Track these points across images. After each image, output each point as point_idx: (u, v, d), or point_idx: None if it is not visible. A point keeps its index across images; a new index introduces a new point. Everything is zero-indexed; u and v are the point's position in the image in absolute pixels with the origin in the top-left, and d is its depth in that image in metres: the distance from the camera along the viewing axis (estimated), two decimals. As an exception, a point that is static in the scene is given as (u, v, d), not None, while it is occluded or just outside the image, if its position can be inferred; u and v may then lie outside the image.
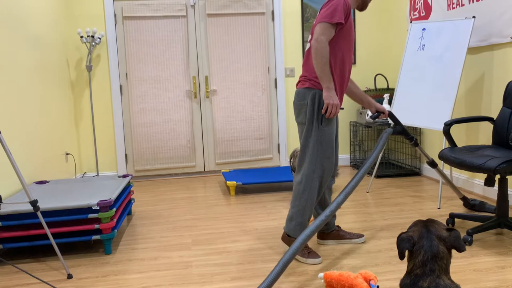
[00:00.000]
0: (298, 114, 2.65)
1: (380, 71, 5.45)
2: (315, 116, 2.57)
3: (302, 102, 2.61)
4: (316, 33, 2.45)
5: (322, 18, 2.47)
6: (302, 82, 2.64)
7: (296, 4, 5.22)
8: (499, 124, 3.08)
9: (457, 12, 4.05)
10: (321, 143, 2.58)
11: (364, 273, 2.12)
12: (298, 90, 2.65)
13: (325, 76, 2.47)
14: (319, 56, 2.45)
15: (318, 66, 2.46)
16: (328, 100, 2.49)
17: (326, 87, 2.49)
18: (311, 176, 2.61)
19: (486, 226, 2.87)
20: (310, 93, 2.58)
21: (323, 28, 2.46)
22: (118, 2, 4.95)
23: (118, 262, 2.76)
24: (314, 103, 2.57)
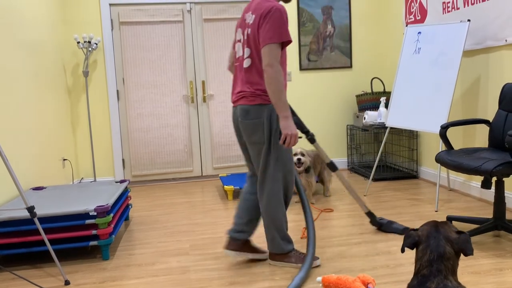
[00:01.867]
0: (251, 133, 2.45)
1: (376, 74, 5.47)
2: (273, 133, 2.44)
3: (257, 120, 2.42)
4: (268, 57, 2.28)
5: (270, 38, 2.28)
6: (249, 98, 2.42)
7: (293, 8, 5.24)
8: (495, 126, 3.09)
9: (452, 15, 4.07)
10: (283, 159, 2.49)
11: (362, 277, 2.12)
12: (248, 107, 2.42)
13: (283, 104, 2.32)
14: (274, 83, 2.29)
15: (275, 94, 2.30)
16: (287, 131, 2.34)
17: (284, 116, 2.33)
18: (278, 193, 2.51)
19: (484, 229, 2.88)
20: (265, 109, 2.42)
21: (273, 50, 2.29)
22: (114, 7, 4.96)
23: (115, 268, 2.75)
24: (270, 120, 2.43)
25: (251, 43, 2.40)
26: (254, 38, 2.38)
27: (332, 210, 3.76)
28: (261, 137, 2.44)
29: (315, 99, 5.38)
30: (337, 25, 5.32)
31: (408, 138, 4.91)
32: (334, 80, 5.39)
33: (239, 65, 2.51)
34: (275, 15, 2.30)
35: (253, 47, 2.39)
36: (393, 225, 3.11)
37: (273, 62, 2.28)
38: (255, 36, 2.37)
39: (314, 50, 5.31)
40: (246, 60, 2.43)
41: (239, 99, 2.48)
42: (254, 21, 2.37)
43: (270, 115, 2.42)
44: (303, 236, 3.14)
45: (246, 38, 2.43)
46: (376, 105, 5.03)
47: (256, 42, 2.37)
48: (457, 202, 3.80)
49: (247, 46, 2.43)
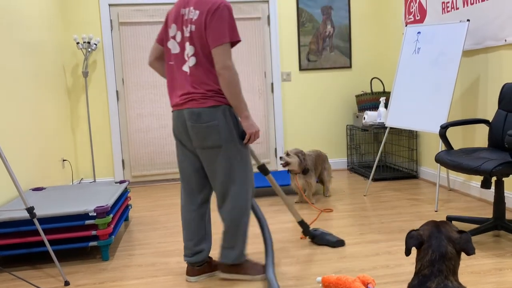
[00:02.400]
0: (205, 137, 2.26)
1: (376, 74, 5.47)
2: (231, 135, 2.30)
3: (211, 123, 2.24)
4: (222, 58, 2.17)
5: (222, 38, 2.16)
6: (200, 100, 2.25)
7: (292, 8, 5.24)
8: (494, 126, 3.09)
9: (451, 15, 4.07)
10: (246, 159, 2.37)
11: (362, 277, 2.12)
12: (199, 110, 2.24)
13: (242, 105, 2.24)
14: (233, 85, 2.20)
15: (234, 96, 2.21)
16: (251, 129, 2.29)
17: (245, 116, 2.27)
18: (245, 198, 2.36)
19: (483, 229, 2.88)
20: (219, 111, 2.26)
21: (227, 51, 2.18)
22: (114, 7, 4.96)
23: (115, 269, 2.75)
24: (228, 121, 2.29)
25: (195, 40, 2.22)
26: (200, 36, 2.20)
27: (332, 210, 3.76)
28: (216, 140, 2.27)
29: (315, 99, 5.38)
30: (337, 25, 5.32)
31: (408, 138, 4.91)
32: (334, 80, 5.39)
33: (177, 64, 2.31)
34: (224, 13, 2.18)
35: (199, 46, 2.22)
36: (327, 237, 2.92)
37: (229, 64, 2.18)
38: (201, 34, 2.20)
39: (313, 50, 5.31)
40: (190, 60, 2.25)
41: (185, 102, 2.27)
42: (199, 18, 2.20)
43: (224, 116, 2.27)
44: (303, 237, 3.14)
45: (189, 35, 2.24)
46: (375, 105, 5.03)
47: (203, 40, 2.20)
48: (457, 202, 3.80)
49: (190, 44, 2.24)
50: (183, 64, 2.28)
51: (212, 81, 2.25)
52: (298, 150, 3.90)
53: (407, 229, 3.17)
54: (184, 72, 2.28)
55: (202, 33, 2.20)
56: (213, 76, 2.25)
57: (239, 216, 2.37)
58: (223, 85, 2.20)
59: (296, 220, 2.96)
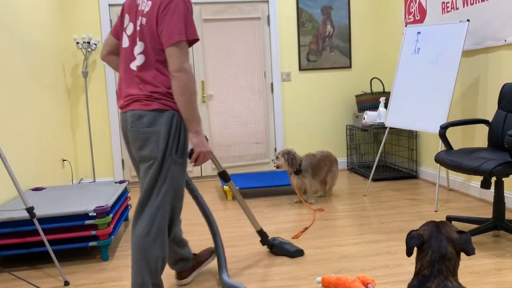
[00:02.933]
0: (142, 145, 1.95)
1: (376, 74, 5.47)
2: (170, 146, 1.96)
3: (151, 129, 1.93)
4: (177, 59, 1.86)
5: (178, 35, 1.86)
6: (144, 101, 1.94)
7: (292, 8, 5.24)
8: (494, 126, 3.09)
9: (451, 15, 4.07)
10: (175, 181, 2.00)
11: (361, 277, 2.12)
12: (141, 112, 1.94)
13: (195, 117, 1.93)
14: (188, 92, 1.88)
15: (187, 105, 1.89)
16: (201, 148, 1.98)
17: (196, 131, 1.95)
18: (162, 224, 1.99)
19: (483, 229, 2.88)
20: (163, 116, 1.94)
21: (183, 50, 1.88)
22: (113, 7, 4.95)
23: (115, 269, 2.75)
24: (170, 130, 1.95)
25: (145, 36, 1.94)
26: (150, 31, 1.92)
27: (323, 210, 3.76)
28: (153, 151, 1.94)
29: (315, 99, 5.38)
30: (337, 25, 5.32)
31: (408, 138, 4.91)
32: (334, 80, 5.39)
33: (126, 61, 2.03)
34: (179, 6, 1.88)
35: (148, 42, 1.93)
36: (286, 247, 2.78)
37: (185, 66, 1.87)
38: (152, 29, 1.91)
39: (313, 50, 5.31)
40: (138, 57, 1.97)
41: (129, 104, 1.99)
42: (151, 11, 1.92)
43: (169, 124, 1.94)
44: (294, 236, 3.13)
45: (139, 29, 1.96)
46: (375, 105, 5.03)
47: (154, 36, 1.92)
48: (456, 202, 3.80)
49: (140, 40, 1.96)
50: (131, 62, 2.00)
51: (161, 83, 1.94)
52: (286, 150, 3.90)
53: (407, 229, 3.17)
54: (132, 70, 1.99)
55: (153, 28, 1.91)
56: (163, 78, 1.95)
57: (149, 248, 1.98)
58: (176, 90, 1.88)
59: (255, 229, 2.80)
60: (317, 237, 3.13)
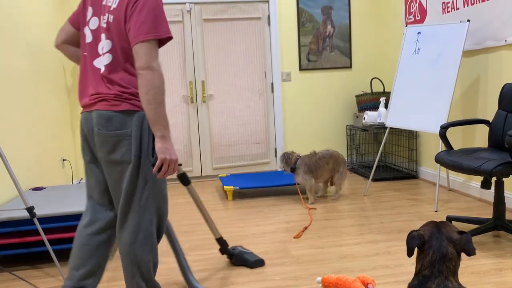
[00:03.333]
0: (113, 149, 1.83)
1: (376, 74, 5.47)
2: (146, 149, 1.85)
3: (122, 132, 1.82)
4: (145, 57, 1.74)
5: (147, 33, 1.74)
6: (112, 101, 1.82)
7: (292, 8, 5.24)
8: (494, 126, 3.09)
9: (452, 15, 4.07)
10: (155, 183, 1.89)
11: (362, 277, 2.12)
12: (110, 114, 1.81)
13: (160, 120, 1.76)
14: (153, 91, 1.74)
15: (152, 105, 1.74)
16: (165, 155, 1.78)
17: (161, 135, 1.78)
18: (149, 229, 1.89)
19: (483, 229, 2.88)
20: (133, 117, 1.83)
21: (151, 49, 1.75)
22: (114, 7, 4.95)
23: (116, 269, 2.75)
24: (141, 131, 1.84)
25: (113, 34, 1.82)
26: (119, 30, 1.80)
27: (315, 208, 3.76)
28: (126, 154, 1.82)
29: (315, 99, 5.38)
30: (337, 25, 5.32)
31: (408, 138, 4.91)
32: (334, 80, 5.39)
33: (90, 57, 1.89)
34: (149, 2, 1.76)
35: (117, 40, 1.81)
36: (245, 256, 2.67)
37: (153, 64, 1.74)
38: (120, 26, 1.79)
39: (313, 50, 5.31)
40: (105, 56, 1.84)
41: (95, 103, 1.86)
42: (119, 7, 1.79)
43: (141, 125, 1.84)
44: (296, 236, 3.13)
45: (106, 27, 1.83)
46: (375, 105, 5.02)
47: (122, 35, 1.80)
48: (456, 202, 3.80)
49: (107, 38, 1.83)
50: (95, 58, 1.87)
51: (130, 84, 1.84)
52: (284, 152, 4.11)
53: (407, 230, 3.17)
54: (97, 69, 1.86)
55: (122, 26, 1.79)
56: (130, 77, 1.84)
57: (140, 253, 1.88)
58: (141, 89, 1.75)
59: (215, 237, 2.68)
60: (317, 237, 3.13)
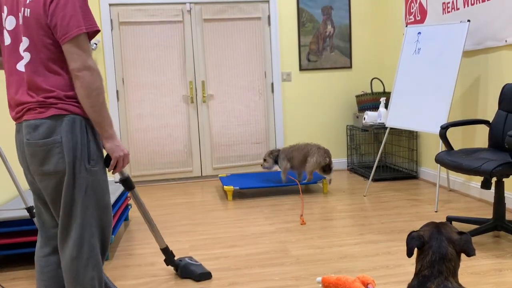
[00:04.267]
0: (45, 159, 1.67)
1: (376, 75, 5.47)
2: (80, 155, 1.68)
3: (50, 140, 1.66)
4: (80, 56, 1.60)
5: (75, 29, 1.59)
6: (38, 109, 1.66)
7: (292, 8, 5.24)
8: (495, 127, 3.09)
9: (452, 16, 4.07)
10: (95, 191, 1.73)
11: (361, 277, 2.12)
12: (36, 122, 1.66)
13: (106, 120, 1.67)
14: (94, 93, 1.62)
15: (95, 107, 1.63)
16: (118, 153, 1.74)
17: (109, 135, 1.70)
18: (91, 242, 1.74)
19: (483, 229, 2.88)
20: (63, 122, 1.66)
21: (84, 45, 1.61)
22: (114, 7, 4.95)
23: (115, 268, 2.75)
24: (75, 137, 1.67)
25: (31, 30, 1.64)
26: (37, 24, 1.63)
27: (302, 197, 3.77)
28: (58, 164, 1.67)
29: (315, 100, 5.38)
30: (337, 25, 5.32)
31: (408, 139, 4.91)
32: (334, 81, 5.39)
33: (11, 60, 1.71)
34: None
35: (35, 37, 1.64)
36: (191, 268, 2.56)
37: (89, 63, 1.61)
38: (39, 21, 1.62)
39: (314, 50, 5.31)
40: (25, 55, 1.67)
41: (22, 115, 1.70)
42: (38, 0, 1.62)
43: (71, 130, 1.67)
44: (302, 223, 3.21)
45: (22, 23, 1.65)
46: (376, 105, 5.02)
47: (42, 29, 1.63)
48: (456, 203, 3.80)
49: (24, 35, 1.65)
50: (18, 61, 1.69)
51: (55, 86, 1.66)
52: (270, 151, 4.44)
53: (407, 230, 3.17)
54: (20, 72, 1.69)
55: (41, 20, 1.62)
56: (57, 79, 1.66)
57: (82, 272, 1.73)
58: (80, 91, 1.63)
59: (160, 246, 2.56)
60: (317, 237, 3.13)
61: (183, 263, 2.59)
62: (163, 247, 2.56)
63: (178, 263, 2.60)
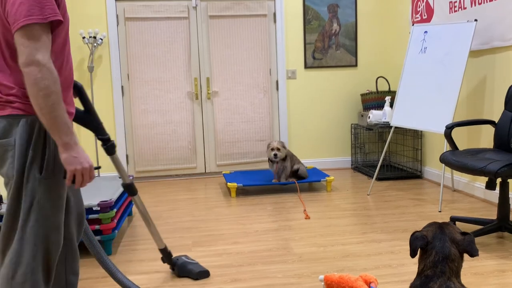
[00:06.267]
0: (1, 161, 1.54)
1: (381, 73, 5.45)
2: (31, 162, 1.50)
3: (5, 141, 1.51)
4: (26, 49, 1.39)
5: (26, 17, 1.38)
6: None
7: (298, 6, 5.23)
8: (500, 127, 3.08)
9: (459, 15, 4.05)
10: (43, 206, 1.52)
11: (364, 276, 2.12)
12: None
13: (61, 127, 1.44)
14: (42, 92, 1.39)
15: (46, 111, 1.41)
16: (75, 165, 1.48)
17: (64, 144, 1.46)
18: (31, 265, 1.52)
19: (487, 230, 2.87)
20: (19, 123, 1.50)
21: (33, 37, 1.39)
22: (120, 3, 4.96)
23: (118, 263, 2.76)
24: (28, 140, 1.50)
25: None
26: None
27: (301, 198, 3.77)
28: (9, 169, 1.52)
29: (320, 98, 5.37)
30: (343, 23, 5.31)
31: (413, 138, 4.90)
32: (339, 79, 5.38)
33: None
34: None
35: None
36: (189, 267, 2.53)
37: (37, 58, 1.39)
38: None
39: (319, 48, 5.30)
40: None
41: None
42: None
43: (26, 133, 1.50)
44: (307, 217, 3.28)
45: None
46: (381, 104, 5.01)
47: (1, 21, 1.47)
48: (461, 203, 3.79)
49: None
50: None
51: (14, 82, 1.50)
52: (281, 142, 4.34)
53: (410, 229, 3.17)
54: None
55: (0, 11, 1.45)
56: (16, 74, 1.50)
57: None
58: (28, 90, 1.41)
59: (158, 247, 2.52)
60: (320, 235, 3.13)
61: (180, 261, 2.56)
62: (161, 248, 2.53)
63: (175, 262, 2.57)
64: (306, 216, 3.51)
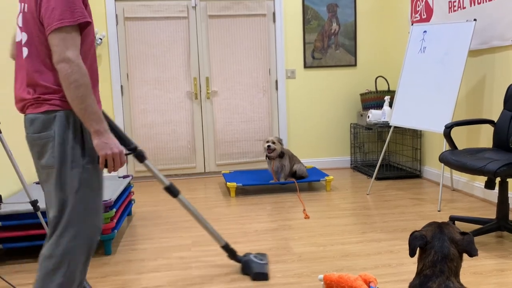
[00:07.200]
0: (40, 153, 1.67)
1: (381, 73, 5.45)
2: (70, 151, 1.64)
3: (45, 134, 1.64)
4: (60, 48, 1.55)
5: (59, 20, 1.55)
6: (35, 104, 1.66)
7: (297, 5, 5.23)
8: (499, 127, 3.08)
9: (458, 14, 4.05)
10: (87, 191, 1.67)
11: (363, 275, 2.12)
12: (32, 116, 1.66)
13: (90, 114, 1.59)
14: (73, 85, 1.55)
15: (78, 102, 1.57)
16: (106, 150, 1.61)
17: (96, 131, 1.60)
18: (72, 245, 1.65)
19: (486, 229, 2.87)
20: (56, 118, 1.64)
21: (66, 38, 1.56)
22: (119, 2, 4.96)
23: (117, 263, 2.76)
24: (66, 132, 1.64)
25: (30, 25, 1.64)
26: (33, 20, 1.62)
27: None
28: (49, 159, 1.65)
29: (319, 97, 5.37)
30: (342, 23, 5.31)
31: (412, 138, 4.90)
32: (338, 78, 5.38)
33: (18, 56, 1.73)
34: None
35: (33, 31, 1.64)
36: (251, 265, 2.51)
37: (67, 55, 1.55)
38: (33, 15, 1.62)
39: (318, 48, 5.30)
40: (24, 50, 1.67)
41: (24, 108, 1.72)
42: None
43: (63, 126, 1.64)
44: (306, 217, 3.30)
45: (23, 18, 1.67)
46: (380, 103, 5.01)
47: (37, 24, 1.62)
48: (460, 202, 3.79)
49: (23, 30, 1.67)
50: (21, 57, 1.71)
51: (50, 81, 1.65)
52: (278, 137, 4.36)
53: (410, 229, 3.17)
54: (23, 67, 1.70)
55: (34, 14, 1.61)
56: (51, 74, 1.65)
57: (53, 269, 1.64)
58: (62, 84, 1.58)
59: (219, 245, 2.55)
60: (320, 234, 3.13)
61: (245, 259, 2.55)
62: (222, 245, 2.53)
63: (240, 258, 2.57)
64: (305, 216, 3.51)
